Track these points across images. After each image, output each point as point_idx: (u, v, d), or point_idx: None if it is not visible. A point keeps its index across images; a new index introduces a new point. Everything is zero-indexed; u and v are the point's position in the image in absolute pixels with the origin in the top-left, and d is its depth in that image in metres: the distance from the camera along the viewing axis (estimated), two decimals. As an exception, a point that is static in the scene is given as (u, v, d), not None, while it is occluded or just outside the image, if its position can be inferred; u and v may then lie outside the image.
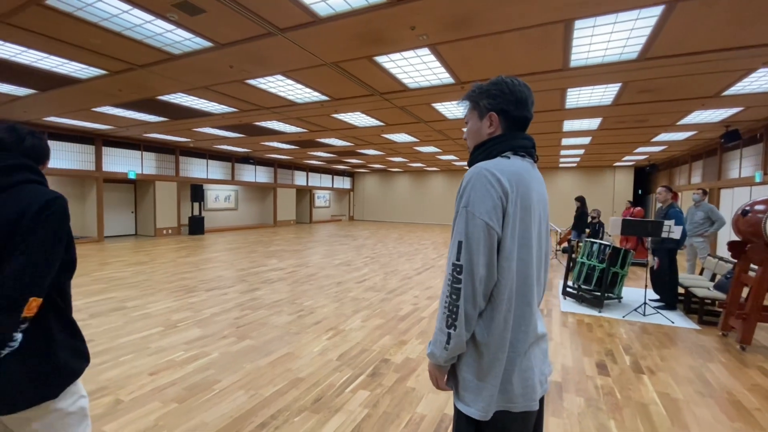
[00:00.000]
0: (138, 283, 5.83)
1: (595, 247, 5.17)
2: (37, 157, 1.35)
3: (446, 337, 1.04)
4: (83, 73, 5.30)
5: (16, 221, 1.18)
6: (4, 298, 1.13)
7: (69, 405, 1.34)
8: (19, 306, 1.15)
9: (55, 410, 1.31)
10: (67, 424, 1.35)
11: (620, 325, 4.28)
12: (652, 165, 15.48)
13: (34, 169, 1.32)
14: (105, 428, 2.18)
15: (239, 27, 3.81)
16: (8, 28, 3.91)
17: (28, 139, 1.33)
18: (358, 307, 4.76)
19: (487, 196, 1.01)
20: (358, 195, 23.68)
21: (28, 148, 1.32)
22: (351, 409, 2.45)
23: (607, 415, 2.43)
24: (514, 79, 1.15)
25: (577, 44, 4.08)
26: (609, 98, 6.14)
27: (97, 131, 10.29)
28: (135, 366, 2.99)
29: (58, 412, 1.32)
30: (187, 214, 13.86)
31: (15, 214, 1.18)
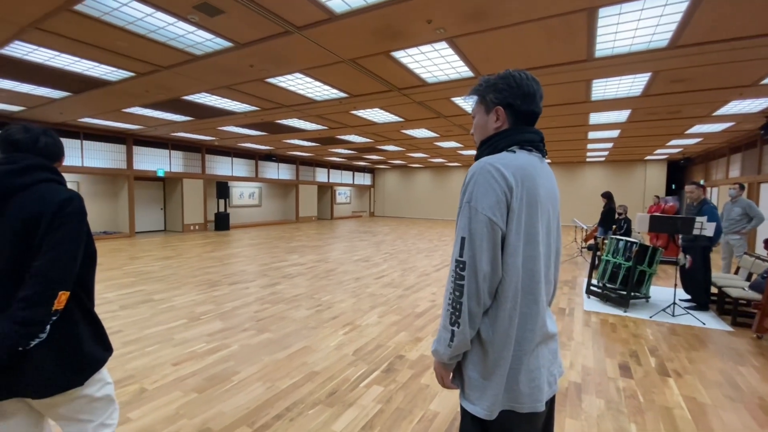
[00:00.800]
0: (165, 277, 6.07)
1: (621, 244, 4.98)
2: (51, 155, 1.40)
3: (450, 335, 1.03)
4: (113, 75, 5.53)
5: (36, 219, 1.24)
6: (37, 294, 1.20)
7: (95, 391, 1.42)
8: (51, 299, 1.21)
9: (82, 396, 1.39)
10: (95, 408, 1.44)
11: (647, 325, 4.12)
12: (686, 158, 14.74)
13: (50, 168, 1.37)
14: (130, 415, 2.29)
15: (257, 26, 3.87)
16: (40, 33, 4.11)
17: (41, 139, 1.38)
18: (375, 303, 4.78)
19: (490, 191, 0.98)
20: (379, 191, 23.72)
21: (42, 148, 1.37)
22: (364, 404, 2.47)
23: (627, 418, 2.35)
24: (522, 73, 1.11)
25: (601, 33, 3.91)
26: (638, 89, 5.87)
27: (128, 131, 10.73)
28: (159, 356, 3.12)
29: (85, 398, 1.40)
30: (213, 211, 14.28)
31: (35, 212, 1.25)
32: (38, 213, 1.25)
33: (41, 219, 1.25)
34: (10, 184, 1.26)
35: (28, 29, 3.96)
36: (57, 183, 1.37)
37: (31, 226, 1.24)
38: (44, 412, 1.40)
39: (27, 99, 7.05)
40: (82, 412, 1.42)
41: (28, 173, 1.30)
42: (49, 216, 1.25)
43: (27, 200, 1.27)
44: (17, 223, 1.24)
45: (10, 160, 1.30)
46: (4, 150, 1.35)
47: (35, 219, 1.25)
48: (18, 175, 1.28)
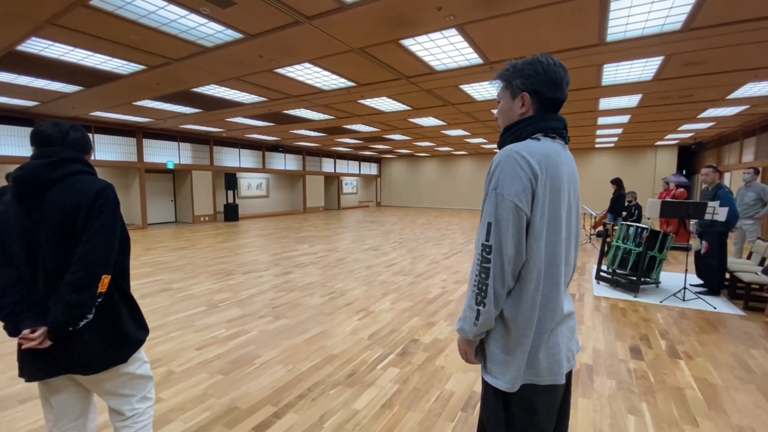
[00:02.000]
0: (181, 267, 6.21)
1: (632, 230, 5.00)
2: (81, 148, 1.47)
3: (475, 314, 1.09)
4: (124, 69, 5.59)
5: (75, 209, 1.32)
6: (82, 278, 1.29)
7: (136, 368, 1.53)
8: (95, 282, 1.30)
9: (125, 373, 1.50)
10: (136, 384, 1.56)
11: (657, 310, 4.16)
12: (698, 143, 14.52)
13: (83, 161, 1.45)
14: (161, 395, 2.42)
15: (268, 17, 3.89)
16: (56, 29, 4.17)
17: (71, 133, 1.45)
18: (387, 290, 4.87)
19: (516, 178, 1.03)
20: (385, 181, 23.72)
21: (73, 141, 1.45)
22: (382, 384, 2.57)
23: (639, 397, 2.42)
24: (550, 59, 1.14)
25: (614, 17, 3.87)
26: (650, 73, 5.80)
27: (138, 124, 10.84)
28: (183, 341, 3.25)
29: (127, 375, 1.51)
30: (222, 202, 14.44)
31: (74, 202, 1.33)
32: (77, 204, 1.33)
33: (80, 209, 1.33)
34: (48, 177, 1.34)
35: (45, 25, 4.02)
36: (89, 174, 1.45)
37: (71, 215, 1.33)
38: (91, 388, 1.50)
39: (41, 94, 7.16)
40: (125, 387, 1.53)
41: (62, 166, 1.38)
42: (87, 206, 1.33)
43: (64, 192, 1.35)
44: (58, 213, 1.32)
45: (45, 155, 1.38)
46: (37, 145, 1.42)
47: (74, 209, 1.33)
48: (53, 168, 1.36)
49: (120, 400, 1.52)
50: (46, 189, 1.34)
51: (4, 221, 1.36)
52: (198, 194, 13.22)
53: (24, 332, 1.28)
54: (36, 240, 1.34)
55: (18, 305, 1.32)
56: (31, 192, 1.34)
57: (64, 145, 1.43)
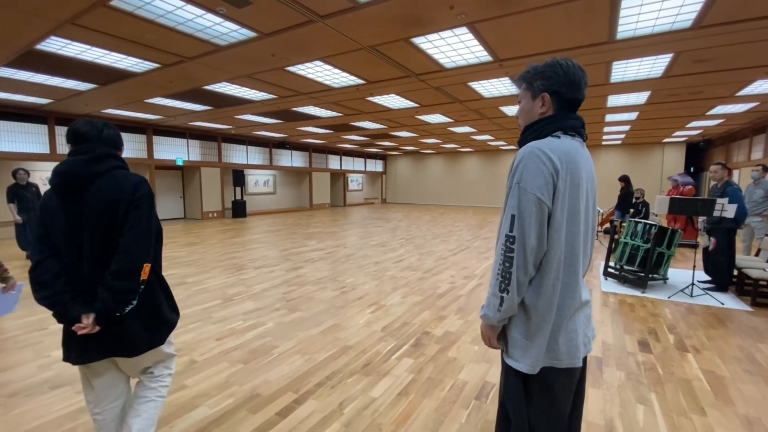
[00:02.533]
0: (193, 262, 6.34)
1: (640, 226, 5.03)
2: (114, 145, 1.57)
3: (499, 301, 1.16)
4: (139, 67, 5.70)
5: (116, 202, 1.42)
6: (127, 266, 1.39)
7: (167, 347, 1.66)
8: (139, 270, 1.40)
9: (162, 352, 1.62)
10: (169, 363, 1.69)
11: (665, 305, 4.21)
12: (706, 140, 14.42)
13: (118, 156, 1.55)
14: (186, 382, 2.52)
15: (282, 16, 3.97)
16: (76, 29, 4.28)
17: (105, 131, 1.54)
18: (396, 285, 4.95)
19: (538, 173, 1.10)
20: (391, 178, 23.77)
21: (107, 138, 1.54)
22: (397, 374, 2.65)
23: (648, 388, 2.49)
24: (569, 61, 1.20)
25: (624, 15, 3.91)
26: (659, 70, 5.81)
27: (149, 121, 10.98)
28: (203, 332, 3.35)
29: (163, 354, 1.63)
30: (230, 198, 14.59)
31: (114, 195, 1.42)
32: (117, 197, 1.42)
33: (120, 202, 1.42)
34: (89, 171, 1.43)
35: (65, 24, 4.12)
36: (125, 169, 1.54)
37: (111, 208, 1.42)
38: (127, 370, 1.61)
39: (56, 92, 7.29)
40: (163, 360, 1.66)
41: (102, 161, 1.47)
42: (127, 199, 1.43)
43: (105, 185, 1.44)
44: (100, 206, 1.42)
45: (84, 150, 1.47)
46: (74, 142, 1.51)
47: (115, 202, 1.42)
48: (94, 163, 1.45)
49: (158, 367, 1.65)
50: (88, 183, 1.43)
51: (49, 214, 1.45)
52: (206, 191, 13.37)
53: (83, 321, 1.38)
54: (79, 231, 1.42)
55: (64, 294, 1.41)
56: (74, 186, 1.43)
57: (99, 141, 1.52)
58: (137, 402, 1.59)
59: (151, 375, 1.63)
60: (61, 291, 1.41)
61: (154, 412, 1.61)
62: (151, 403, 1.60)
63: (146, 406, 1.58)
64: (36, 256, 1.42)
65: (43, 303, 1.41)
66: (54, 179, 1.43)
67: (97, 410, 1.59)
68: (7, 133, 8.84)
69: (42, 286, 1.40)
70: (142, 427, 1.55)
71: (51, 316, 3.59)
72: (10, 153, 8.88)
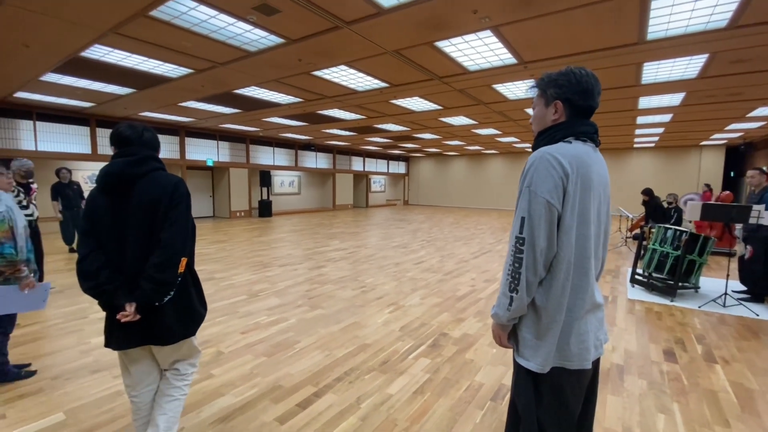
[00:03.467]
0: (221, 258, 6.60)
1: (669, 233, 4.87)
2: (152, 147, 1.70)
3: (509, 300, 1.20)
4: (174, 72, 6.00)
5: (157, 200, 1.54)
6: (167, 260, 1.51)
7: (194, 340, 1.77)
8: (177, 264, 1.52)
9: (191, 343, 1.74)
10: (196, 353, 1.81)
11: (695, 315, 4.06)
12: (747, 143, 13.67)
13: (157, 158, 1.68)
14: (213, 372, 2.67)
15: (309, 23, 4.10)
16: (119, 37, 4.56)
17: (145, 134, 1.67)
18: (416, 286, 4.99)
19: (548, 177, 1.14)
20: (413, 179, 23.77)
21: (146, 141, 1.67)
22: (414, 372, 2.70)
23: (670, 398, 2.43)
24: (582, 70, 1.23)
25: (654, 15, 3.81)
26: (694, 71, 5.60)
27: (181, 123, 11.48)
28: (229, 326, 3.52)
29: (190, 345, 1.75)
30: (257, 198, 15.02)
31: (156, 195, 1.55)
32: (158, 196, 1.55)
33: (161, 200, 1.55)
34: (133, 172, 1.57)
35: (108, 33, 4.41)
36: (164, 171, 1.67)
37: (153, 206, 1.55)
38: (160, 359, 1.73)
39: (98, 96, 7.76)
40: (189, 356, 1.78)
41: (144, 163, 1.60)
42: (167, 198, 1.55)
43: (148, 185, 1.57)
44: (142, 204, 1.55)
45: (128, 153, 1.60)
46: (117, 145, 1.65)
47: (156, 200, 1.55)
48: (137, 165, 1.58)
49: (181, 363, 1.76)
50: (131, 183, 1.56)
51: (95, 211, 1.59)
52: (235, 191, 13.83)
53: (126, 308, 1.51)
54: (123, 227, 1.56)
55: (108, 285, 1.54)
56: (119, 186, 1.56)
57: (140, 144, 1.65)
58: (164, 400, 1.71)
59: (177, 372, 1.74)
60: (105, 282, 1.53)
61: (179, 410, 1.75)
62: (176, 402, 1.73)
63: (172, 404, 1.71)
64: (82, 250, 1.55)
65: (90, 293, 1.54)
66: (100, 180, 1.57)
67: (134, 393, 1.73)
68: (52, 134, 9.46)
69: (88, 277, 1.53)
70: (169, 424, 1.69)
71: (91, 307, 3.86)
72: (55, 153, 9.50)
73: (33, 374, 2.63)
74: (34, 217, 4.23)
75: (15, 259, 2.33)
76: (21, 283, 2.41)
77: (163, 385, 1.74)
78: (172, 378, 1.74)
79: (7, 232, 2.33)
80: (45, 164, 9.71)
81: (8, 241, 2.32)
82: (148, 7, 3.75)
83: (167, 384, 1.73)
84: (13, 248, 2.32)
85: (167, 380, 1.74)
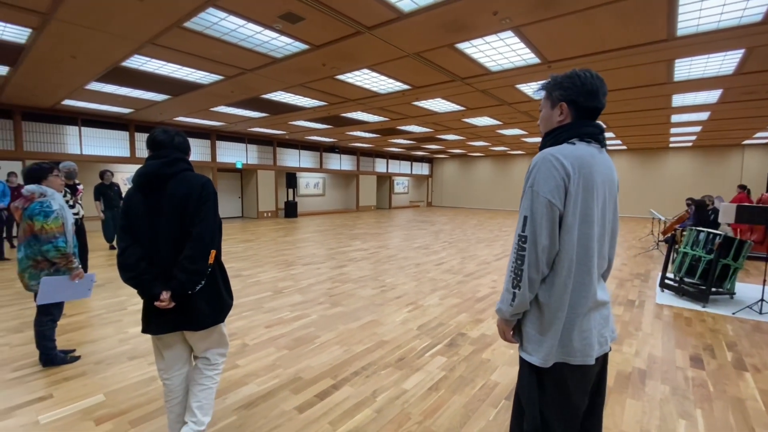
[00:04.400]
0: (248, 257, 6.86)
1: (702, 235, 4.67)
2: (183, 150, 1.85)
3: (511, 296, 1.25)
4: (206, 79, 6.31)
5: (187, 198, 1.69)
6: (198, 252, 1.65)
7: (224, 328, 1.90)
8: (207, 255, 1.66)
9: (221, 330, 1.88)
10: (222, 341, 1.95)
11: (727, 321, 3.89)
12: (796, 142, 12.79)
13: (186, 161, 1.83)
14: (238, 362, 2.82)
15: (332, 29, 4.24)
16: (155, 48, 4.87)
17: (176, 138, 1.82)
18: (435, 287, 5.02)
19: (550, 177, 1.18)
20: (437, 181, 23.67)
21: (178, 144, 1.82)
22: (430, 370, 2.75)
23: (693, 404, 2.37)
24: (587, 72, 1.26)
25: (684, 11, 3.69)
26: (730, 67, 5.35)
27: (212, 127, 11.98)
28: (254, 320, 3.68)
29: (220, 333, 1.89)
30: (283, 199, 15.43)
31: (185, 192, 1.69)
32: (188, 193, 1.69)
33: (190, 198, 1.69)
34: (166, 173, 1.72)
35: (146, 44, 4.72)
36: (192, 171, 1.81)
37: (183, 202, 1.69)
38: (194, 344, 1.87)
39: (136, 102, 8.25)
40: (216, 343, 1.90)
41: (175, 164, 1.75)
42: (196, 195, 1.69)
43: (178, 184, 1.71)
44: (173, 201, 1.69)
45: (160, 155, 1.76)
46: (152, 148, 1.81)
47: (186, 197, 1.69)
48: (168, 166, 1.73)
49: (214, 351, 1.89)
50: (163, 182, 1.71)
51: (132, 208, 1.75)
52: (262, 192, 14.27)
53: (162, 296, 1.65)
54: (157, 223, 1.71)
55: (145, 275, 1.69)
56: (153, 184, 1.71)
57: (172, 147, 1.80)
58: (197, 389, 1.84)
59: (207, 362, 1.87)
60: (143, 272, 1.68)
61: (211, 397, 1.88)
62: (208, 390, 1.87)
63: (204, 393, 1.85)
64: (121, 244, 1.71)
65: (129, 283, 1.69)
66: (136, 179, 1.73)
67: (167, 376, 1.87)
68: (95, 139, 10.11)
69: (128, 269, 1.68)
70: (204, 411, 1.83)
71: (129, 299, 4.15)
72: (97, 156, 10.15)
73: (77, 359, 2.87)
74: (79, 216, 4.60)
75: (67, 251, 2.57)
76: (72, 274, 2.65)
77: (195, 375, 1.87)
78: (204, 368, 1.87)
79: (61, 227, 2.57)
80: (89, 167, 10.38)
81: (61, 235, 2.56)
82: (182, 18, 3.99)
83: (199, 374, 1.86)
84: (64, 242, 2.56)
85: (199, 370, 1.86)
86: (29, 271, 2.57)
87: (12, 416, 2.17)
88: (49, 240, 2.51)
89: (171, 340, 1.85)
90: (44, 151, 9.25)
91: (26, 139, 9.03)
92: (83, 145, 9.91)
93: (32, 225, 2.52)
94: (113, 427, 2.10)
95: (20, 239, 2.57)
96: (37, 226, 2.50)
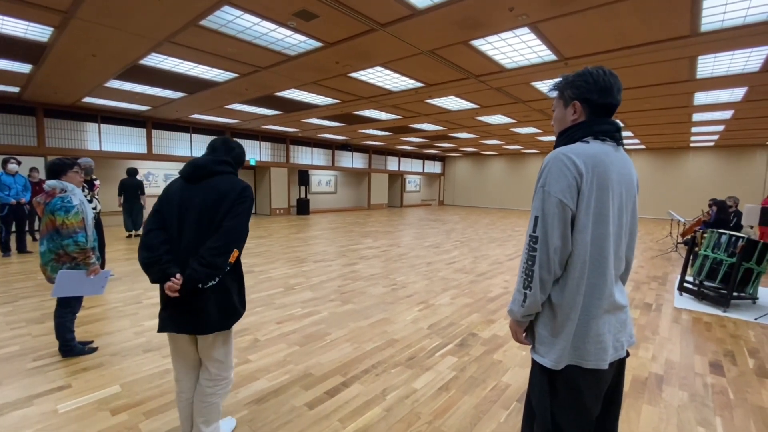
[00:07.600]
0: (261, 253, 6.93)
1: (724, 238, 4.53)
2: (239, 161, 1.95)
3: (523, 297, 1.22)
4: (221, 77, 6.38)
5: (225, 195, 1.74)
6: (222, 245, 1.67)
7: (229, 337, 1.91)
8: (230, 252, 1.67)
9: (227, 335, 1.87)
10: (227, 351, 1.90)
11: (749, 327, 3.76)
12: (825, 142, 12.30)
13: (233, 166, 1.91)
14: (249, 357, 2.85)
15: (346, 26, 4.23)
16: (172, 46, 4.94)
17: (235, 150, 1.93)
18: (447, 286, 4.99)
19: (562, 177, 1.15)
20: (449, 179, 23.52)
21: (235, 155, 1.92)
22: (440, 369, 2.74)
23: (713, 411, 2.29)
24: (600, 69, 1.23)
25: (708, 6, 3.57)
26: (756, 64, 5.16)
27: (227, 125, 12.13)
28: (265, 316, 3.72)
29: (224, 340, 1.87)
30: (295, 197, 15.55)
31: (224, 190, 1.75)
32: (227, 191, 1.75)
33: (228, 196, 1.75)
34: (213, 168, 1.81)
35: (163, 43, 4.79)
36: (236, 176, 1.88)
37: (221, 198, 1.74)
38: (200, 350, 1.87)
39: (153, 100, 8.40)
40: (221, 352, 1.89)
41: (222, 165, 1.84)
42: (235, 195, 1.76)
43: (220, 181, 1.79)
44: (212, 195, 1.75)
45: (212, 155, 1.86)
46: (210, 152, 1.91)
47: (225, 195, 1.75)
48: (217, 164, 1.82)
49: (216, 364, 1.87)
50: (208, 176, 1.78)
51: (168, 194, 1.80)
52: (275, 189, 14.40)
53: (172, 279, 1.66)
54: (186, 213, 1.74)
55: (164, 256, 1.71)
56: (197, 174, 1.78)
57: (225, 152, 1.90)
58: (201, 406, 1.85)
59: (209, 375, 1.85)
60: (162, 254, 1.71)
61: (218, 411, 1.89)
62: (213, 406, 1.87)
63: (209, 408, 1.86)
64: (149, 225, 1.77)
65: (146, 261, 1.70)
66: (186, 166, 1.81)
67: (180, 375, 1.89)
68: (114, 136, 10.33)
69: (149, 249, 1.72)
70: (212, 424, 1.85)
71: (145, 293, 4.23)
72: (116, 153, 10.38)
73: (95, 350, 2.94)
74: (97, 210, 4.72)
75: (86, 246, 2.63)
76: (89, 269, 2.70)
77: (198, 394, 1.86)
78: (206, 385, 1.84)
79: (81, 222, 2.63)
80: (107, 163, 10.62)
81: (81, 230, 2.62)
82: (198, 17, 4.04)
83: (203, 392, 1.85)
84: (84, 237, 2.63)
85: (202, 388, 1.85)
86: (51, 264, 2.64)
87: (32, 404, 2.24)
88: (69, 235, 2.57)
89: (183, 342, 1.86)
90: (65, 147, 9.50)
91: (48, 135, 9.28)
92: (102, 141, 10.14)
93: (54, 220, 2.58)
94: (128, 417, 2.15)
95: (42, 233, 2.64)
96: (59, 221, 2.57)
